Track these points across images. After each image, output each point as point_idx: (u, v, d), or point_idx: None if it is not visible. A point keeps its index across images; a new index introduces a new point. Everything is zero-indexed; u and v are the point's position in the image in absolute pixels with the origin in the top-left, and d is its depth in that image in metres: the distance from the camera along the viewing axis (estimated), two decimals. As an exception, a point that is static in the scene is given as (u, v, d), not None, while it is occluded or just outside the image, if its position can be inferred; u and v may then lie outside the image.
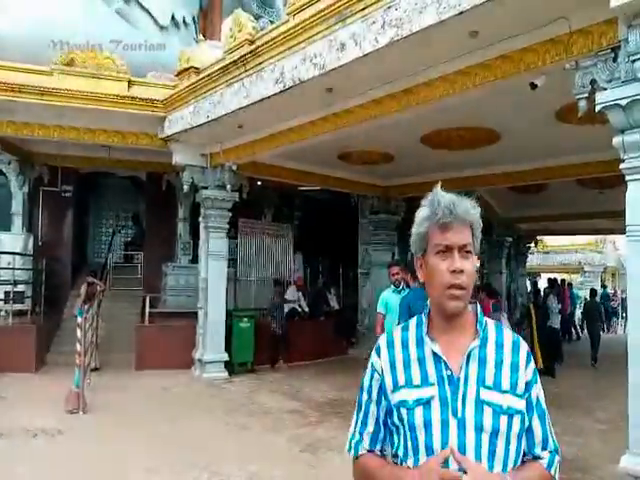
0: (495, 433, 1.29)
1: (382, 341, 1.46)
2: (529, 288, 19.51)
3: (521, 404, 1.33)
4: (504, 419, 1.30)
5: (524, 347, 1.40)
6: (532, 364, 1.39)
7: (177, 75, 8.33)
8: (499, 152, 8.49)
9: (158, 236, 11.85)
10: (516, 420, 1.32)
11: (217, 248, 9.34)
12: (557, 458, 1.40)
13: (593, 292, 13.72)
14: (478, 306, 1.45)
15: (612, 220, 13.91)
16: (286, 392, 8.08)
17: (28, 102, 7.71)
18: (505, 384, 1.33)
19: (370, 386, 1.45)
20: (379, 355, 1.44)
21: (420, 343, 1.39)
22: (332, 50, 5.16)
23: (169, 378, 8.74)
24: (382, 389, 1.41)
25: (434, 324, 1.41)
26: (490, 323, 1.42)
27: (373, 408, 1.43)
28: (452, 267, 1.33)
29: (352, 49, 4.93)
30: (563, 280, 17.85)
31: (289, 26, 5.63)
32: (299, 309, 11.47)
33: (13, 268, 9.39)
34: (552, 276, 18.88)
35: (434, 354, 1.36)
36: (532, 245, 21.87)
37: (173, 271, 11.18)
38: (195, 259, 10.63)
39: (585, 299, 17.32)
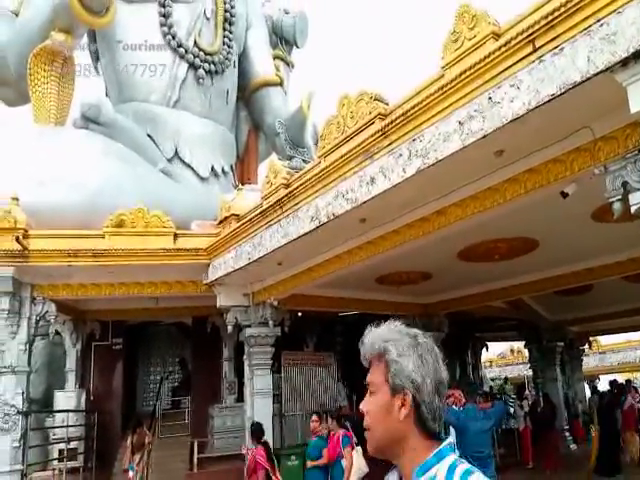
0: None
1: None
2: (589, 393, 18.19)
3: None
4: None
5: None
6: None
7: (219, 223, 8.85)
8: (539, 258, 8.39)
9: (204, 378, 11.81)
10: None
11: (262, 385, 9.23)
12: None
13: None
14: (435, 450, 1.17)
15: (667, 312, 13.33)
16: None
17: (83, 265, 8.21)
18: None
19: None
20: None
21: None
22: (363, 184, 5.39)
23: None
24: None
25: None
26: (442, 467, 1.14)
27: None
28: None
29: (382, 182, 5.12)
30: (628, 381, 16.56)
31: (321, 167, 5.99)
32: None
33: (67, 426, 9.43)
34: (612, 378, 17.61)
35: None
36: (586, 347, 20.80)
37: (219, 413, 11.05)
38: (240, 397, 10.47)
39: None
